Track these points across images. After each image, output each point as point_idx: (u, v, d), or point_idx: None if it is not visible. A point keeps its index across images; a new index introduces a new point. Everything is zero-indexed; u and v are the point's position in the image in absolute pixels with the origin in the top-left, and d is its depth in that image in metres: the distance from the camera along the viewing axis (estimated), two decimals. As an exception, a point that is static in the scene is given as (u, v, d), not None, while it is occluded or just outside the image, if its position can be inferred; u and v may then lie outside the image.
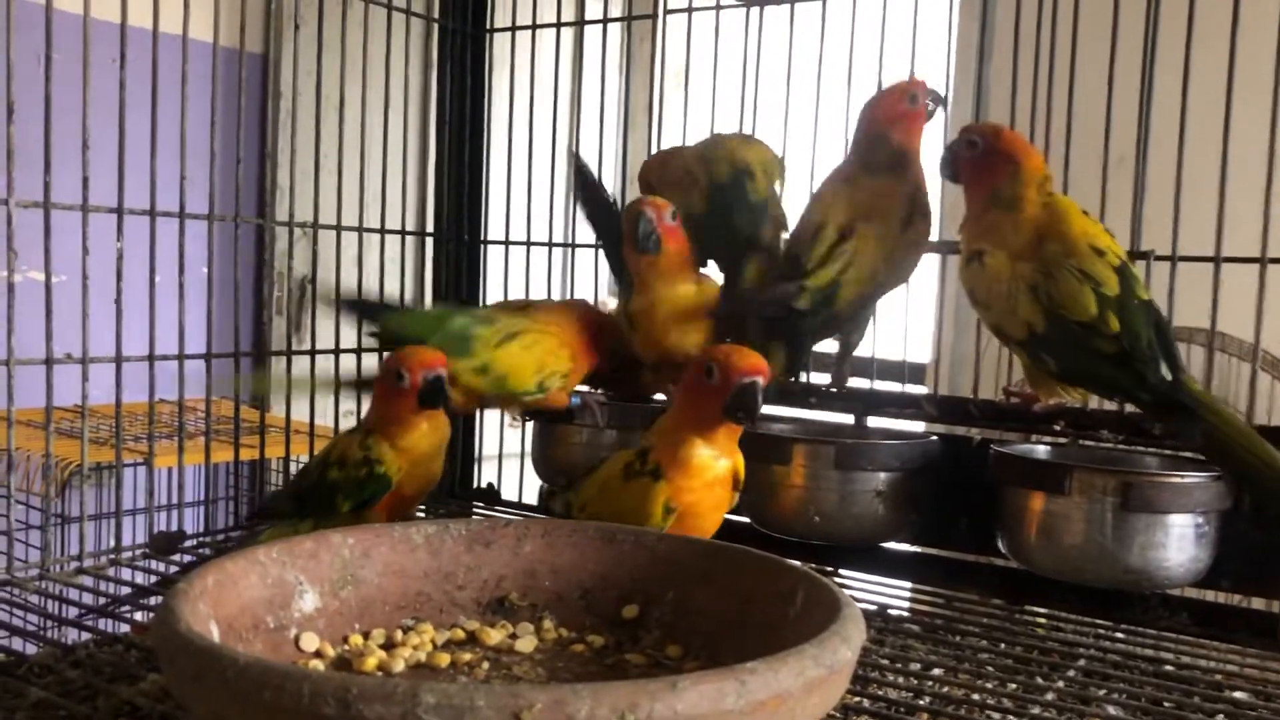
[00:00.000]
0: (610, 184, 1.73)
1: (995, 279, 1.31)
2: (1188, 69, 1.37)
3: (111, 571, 1.35)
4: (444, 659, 0.95)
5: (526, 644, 0.99)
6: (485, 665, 0.96)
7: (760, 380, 1.14)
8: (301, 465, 1.51)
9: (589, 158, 1.71)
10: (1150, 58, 1.39)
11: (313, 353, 1.66)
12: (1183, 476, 1.27)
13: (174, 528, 1.46)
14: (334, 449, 1.34)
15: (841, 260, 1.42)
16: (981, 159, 1.35)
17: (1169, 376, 1.23)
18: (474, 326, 1.46)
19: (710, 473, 1.18)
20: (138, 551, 1.42)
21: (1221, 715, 1.03)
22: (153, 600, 1.24)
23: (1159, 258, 1.38)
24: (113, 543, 1.42)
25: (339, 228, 1.66)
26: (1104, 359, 1.24)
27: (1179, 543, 1.26)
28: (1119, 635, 1.28)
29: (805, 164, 1.62)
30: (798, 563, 0.98)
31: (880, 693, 1.04)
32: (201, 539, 1.50)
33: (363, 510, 1.31)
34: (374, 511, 1.32)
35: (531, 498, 1.76)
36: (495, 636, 1.00)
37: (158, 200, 1.39)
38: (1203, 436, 1.23)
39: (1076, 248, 1.27)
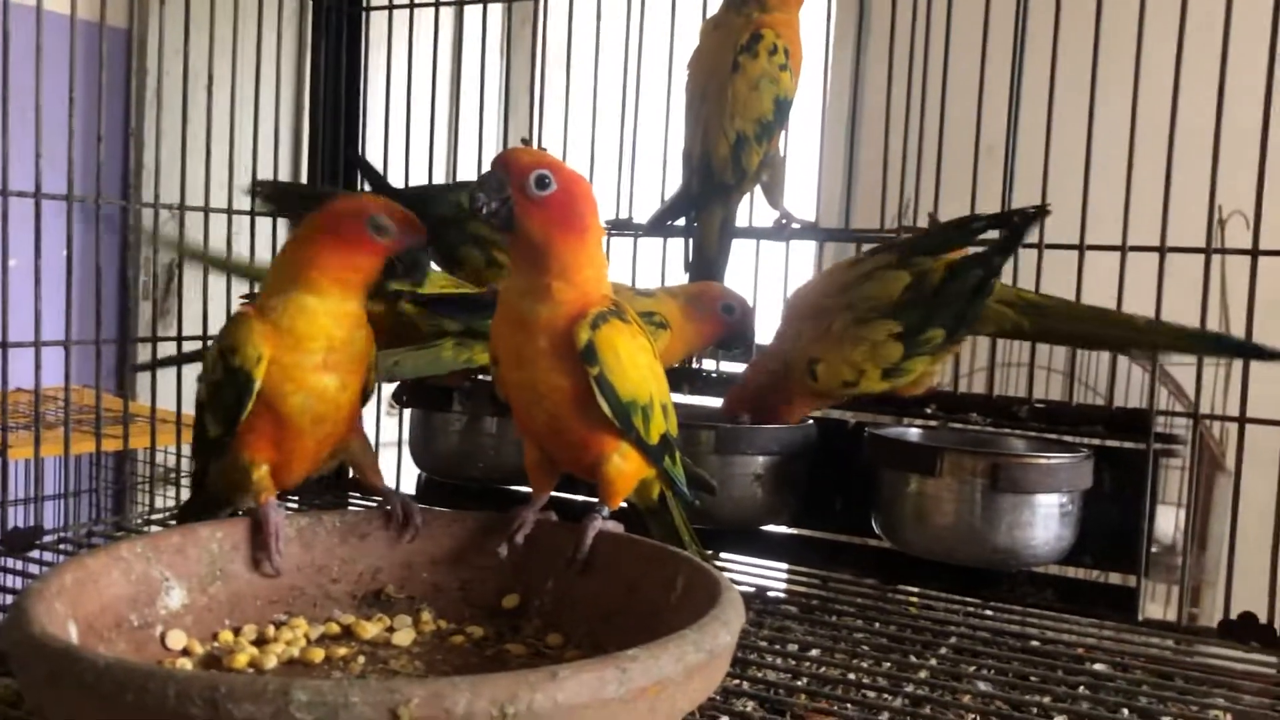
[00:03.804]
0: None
1: (842, 372, 1.35)
2: (1055, 62, 1.41)
3: (-38, 570, 1.28)
4: (318, 654, 0.93)
5: (404, 637, 0.98)
6: (361, 660, 0.94)
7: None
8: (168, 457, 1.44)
9: (469, 140, 1.68)
10: (1020, 51, 1.43)
11: (179, 339, 1.60)
12: (1049, 458, 1.31)
13: (31, 523, 1.39)
14: None
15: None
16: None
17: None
18: None
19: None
20: (-9, 548, 1.35)
21: (1083, 686, 1.07)
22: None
23: (1026, 245, 1.42)
24: (-36, 540, 1.35)
25: (207, 209, 1.60)
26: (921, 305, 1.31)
27: (1045, 522, 1.30)
28: (988, 613, 1.32)
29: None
30: (678, 548, 0.99)
31: (760, 674, 1.05)
32: (62, 535, 1.44)
33: (232, 437, 1.01)
34: (251, 447, 1.01)
35: (409, 487, 1.73)
36: (372, 630, 0.98)
37: (10, 179, 1.32)
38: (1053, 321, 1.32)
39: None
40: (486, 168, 1.01)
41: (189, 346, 1.58)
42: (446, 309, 1.35)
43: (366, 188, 1.77)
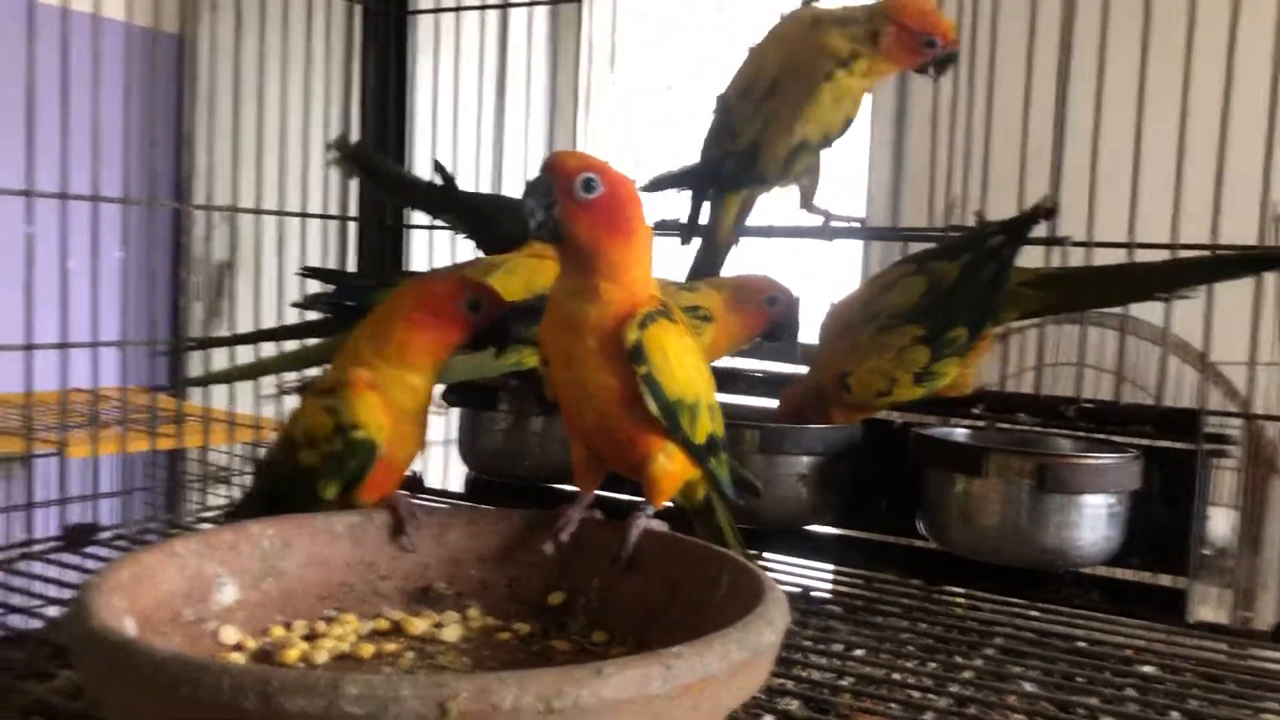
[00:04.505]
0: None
1: (874, 382, 1.35)
2: (1103, 58, 1.40)
3: (23, 565, 1.31)
4: (368, 649, 0.94)
5: (452, 633, 0.99)
6: (410, 655, 0.95)
7: None
8: (232, 456, 1.47)
9: (515, 142, 1.69)
10: (1067, 53, 1.42)
11: (232, 341, 1.63)
12: (1097, 458, 1.30)
13: (88, 520, 1.42)
14: (296, 424, 1.13)
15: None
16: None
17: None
18: None
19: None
20: (50, 544, 1.38)
21: (1130, 689, 1.06)
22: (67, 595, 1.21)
23: (1075, 243, 1.41)
24: (24, 535, 1.39)
25: (258, 211, 1.63)
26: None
27: (1092, 522, 1.29)
28: (1034, 613, 1.31)
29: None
30: (722, 548, 0.99)
31: (804, 674, 1.05)
32: (119, 531, 1.47)
33: (351, 493, 1.11)
34: (363, 496, 1.12)
35: (457, 485, 1.75)
36: (420, 626, 0.99)
37: (70, 183, 1.35)
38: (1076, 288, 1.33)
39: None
40: (532, 170, 1.02)
41: (241, 347, 1.60)
42: None
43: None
